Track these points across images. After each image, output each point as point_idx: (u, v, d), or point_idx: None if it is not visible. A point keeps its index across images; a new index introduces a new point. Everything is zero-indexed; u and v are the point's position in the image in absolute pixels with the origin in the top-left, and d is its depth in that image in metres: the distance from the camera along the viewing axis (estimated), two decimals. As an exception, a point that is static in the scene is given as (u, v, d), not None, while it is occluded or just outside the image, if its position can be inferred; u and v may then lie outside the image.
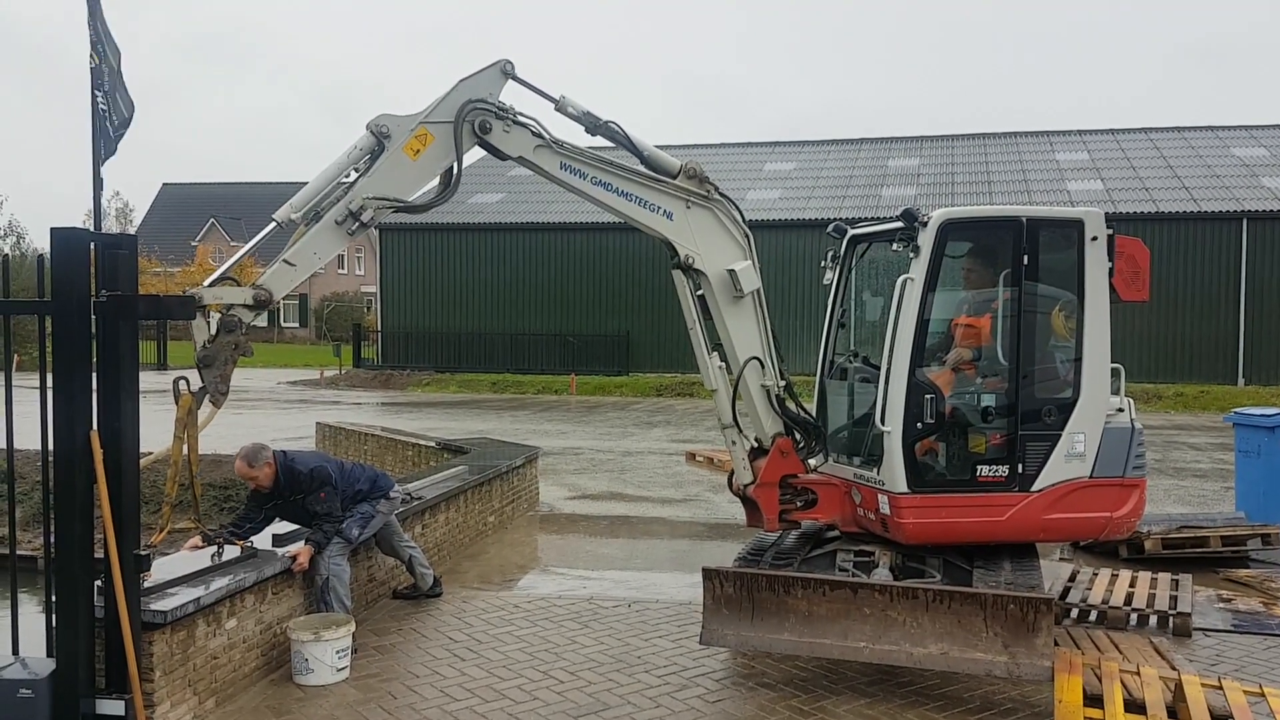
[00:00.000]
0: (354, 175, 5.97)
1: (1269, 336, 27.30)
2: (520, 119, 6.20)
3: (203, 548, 6.05)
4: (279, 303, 5.76)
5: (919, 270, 6.44)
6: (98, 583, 5.05)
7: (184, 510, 6.19)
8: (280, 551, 6.36)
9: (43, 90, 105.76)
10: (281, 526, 6.82)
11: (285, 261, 5.70)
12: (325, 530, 6.54)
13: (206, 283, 5.60)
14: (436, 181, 6.27)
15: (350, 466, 7.18)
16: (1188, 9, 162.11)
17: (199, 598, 5.36)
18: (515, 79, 6.26)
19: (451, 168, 6.17)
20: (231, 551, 6.05)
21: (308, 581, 6.50)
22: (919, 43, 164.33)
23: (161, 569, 5.54)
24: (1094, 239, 6.61)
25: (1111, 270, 6.66)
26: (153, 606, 5.12)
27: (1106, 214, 6.82)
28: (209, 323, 5.45)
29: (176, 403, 5.34)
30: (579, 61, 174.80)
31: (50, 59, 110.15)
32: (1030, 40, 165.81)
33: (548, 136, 6.26)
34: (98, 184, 5.30)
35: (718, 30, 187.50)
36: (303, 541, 6.47)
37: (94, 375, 5.04)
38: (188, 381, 5.38)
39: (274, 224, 5.81)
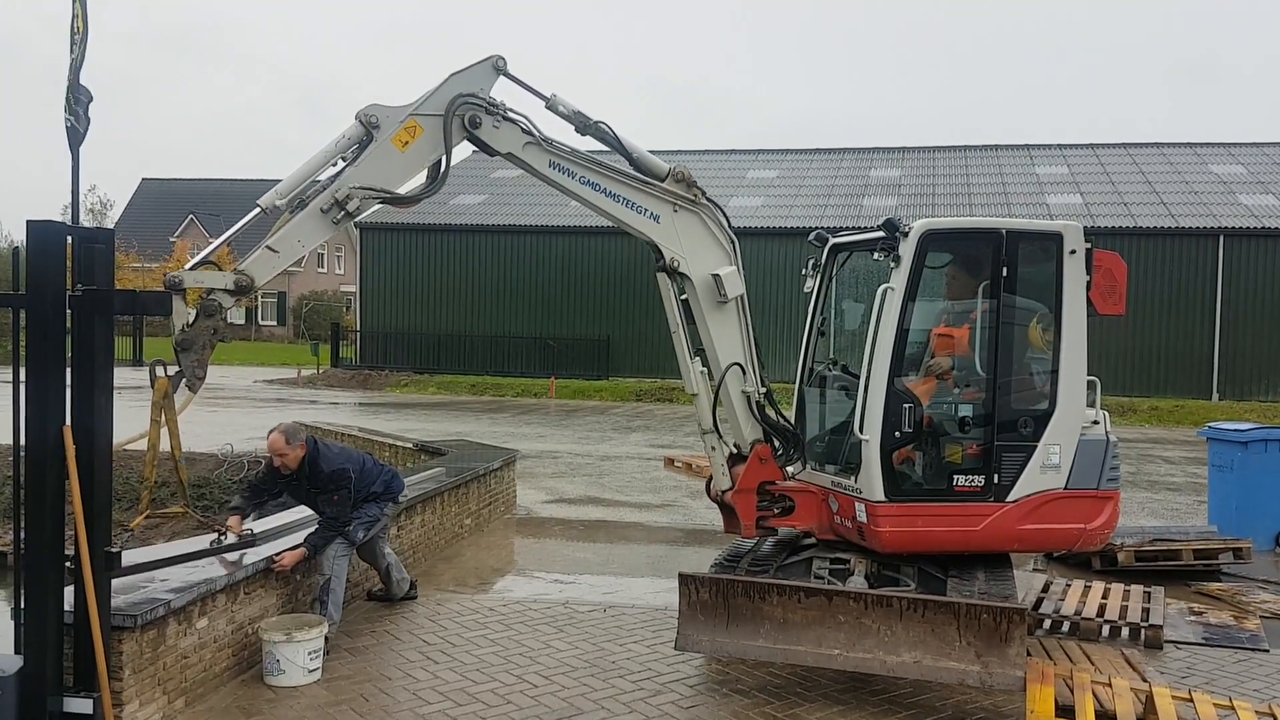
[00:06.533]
0: (340, 164, 5.92)
1: (1244, 352, 27.57)
2: (510, 115, 6.16)
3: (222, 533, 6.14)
4: (260, 290, 5.70)
5: (899, 280, 6.47)
6: (68, 588, 4.99)
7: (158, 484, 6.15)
8: (268, 552, 6.33)
9: (5, 80, 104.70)
10: (259, 525, 6.79)
11: (268, 248, 5.60)
12: (325, 535, 6.54)
13: (188, 266, 5.55)
14: (424, 175, 6.23)
15: (370, 466, 7.14)
16: (1177, 30, 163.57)
17: (169, 600, 5.31)
18: (507, 75, 6.23)
19: (440, 161, 6.11)
20: (230, 538, 6.11)
21: (283, 581, 6.46)
22: (919, 59, 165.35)
23: (134, 556, 5.50)
24: (1072, 252, 6.66)
25: (1089, 284, 6.71)
26: (121, 609, 5.06)
27: (1085, 228, 6.88)
28: (188, 307, 5.39)
29: (152, 386, 5.27)
30: (559, 61, 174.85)
31: (12, 48, 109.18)
32: (1017, 62, 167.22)
33: (537, 134, 6.23)
34: (76, 176, 5.23)
35: (698, 37, 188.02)
36: (302, 543, 6.46)
37: (68, 370, 4.99)
38: (164, 365, 5.31)
39: (258, 209, 5.72)
